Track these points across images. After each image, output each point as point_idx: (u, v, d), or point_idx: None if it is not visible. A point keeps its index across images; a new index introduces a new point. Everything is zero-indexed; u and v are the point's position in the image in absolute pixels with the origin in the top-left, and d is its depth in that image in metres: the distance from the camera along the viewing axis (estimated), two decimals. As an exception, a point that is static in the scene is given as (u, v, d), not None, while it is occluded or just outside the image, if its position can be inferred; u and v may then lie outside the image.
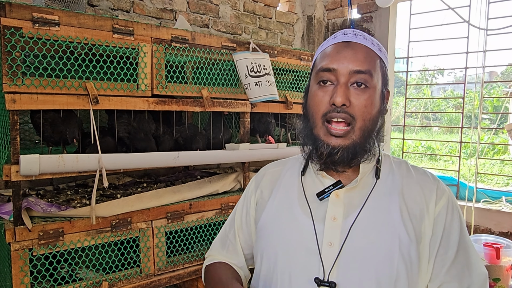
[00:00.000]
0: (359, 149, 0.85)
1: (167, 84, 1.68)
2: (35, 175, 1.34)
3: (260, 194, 1.00)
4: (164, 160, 1.59)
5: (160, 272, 1.72)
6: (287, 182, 0.97)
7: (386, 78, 0.90)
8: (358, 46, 0.85)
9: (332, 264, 0.81)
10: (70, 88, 1.43)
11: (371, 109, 0.84)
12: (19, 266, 1.38)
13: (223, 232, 1.09)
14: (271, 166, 1.06)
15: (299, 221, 0.88)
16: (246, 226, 1.03)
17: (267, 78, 1.89)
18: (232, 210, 1.10)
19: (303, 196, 0.91)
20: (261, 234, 0.94)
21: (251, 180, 1.08)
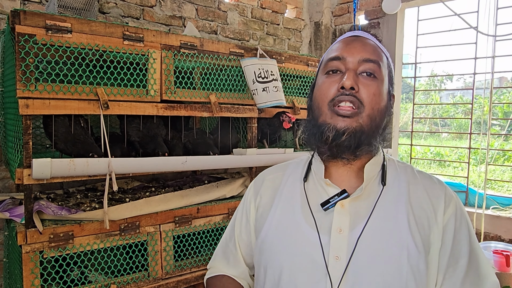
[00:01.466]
0: (365, 138, 0.82)
1: (175, 89, 1.70)
2: (46, 178, 1.36)
3: (260, 201, 0.96)
4: (172, 165, 1.61)
5: (168, 276, 1.73)
6: (289, 189, 0.93)
7: (392, 78, 0.90)
8: (367, 40, 0.87)
9: (340, 279, 0.78)
10: (81, 94, 1.46)
11: (379, 100, 0.83)
12: (30, 268, 1.41)
13: (224, 241, 1.05)
14: (271, 171, 1.01)
15: (304, 233, 0.84)
16: (246, 235, 0.98)
17: (275, 84, 1.91)
18: (232, 218, 1.06)
19: (307, 205, 0.87)
20: (264, 247, 0.89)
21: (249, 187, 1.03)
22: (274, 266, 0.85)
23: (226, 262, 1.01)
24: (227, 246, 1.02)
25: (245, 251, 1.00)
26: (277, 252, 0.86)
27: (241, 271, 1.00)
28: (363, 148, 0.83)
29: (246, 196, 1.02)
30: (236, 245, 1.00)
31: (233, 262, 1.00)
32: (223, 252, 1.04)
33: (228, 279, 0.99)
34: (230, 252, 1.01)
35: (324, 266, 0.79)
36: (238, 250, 1.00)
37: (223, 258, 1.03)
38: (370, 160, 0.87)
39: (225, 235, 1.06)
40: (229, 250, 1.01)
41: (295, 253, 0.83)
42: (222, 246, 1.05)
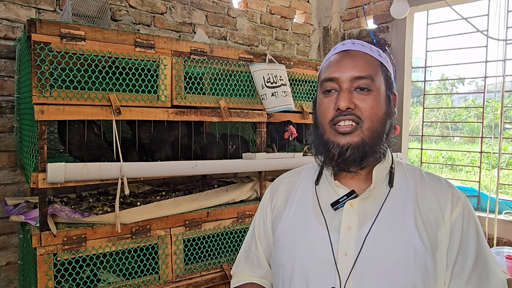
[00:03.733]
0: (369, 149, 0.85)
1: (186, 95, 1.73)
2: (60, 182, 1.40)
3: (276, 203, 1.01)
4: (182, 169, 1.63)
5: (178, 279, 1.75)
6: (302, 192, 0.98)
7: (390, 81, 0.91)
8: (357, 53, 0.88)
9: (348, 274, 0.82)
10: (94, 100, 1.49)
11: (377, 110, 0.86)
12: (44, 270, 1.44)
13: (246, 244, 1.10)
14: (286, 176, 1.07)
15: (314, 231, 0.89)
16: (265, 237, 1.04)
17: (284, 88, 1.92)
18: (252, 222, 1.12)
19: (318, 206, 0.92)
20: (278, 245, 0.95)
21: (266, 191, 1.09)
22: (286, 263, 0.90)
23: (250, 265, 1.06)
24: (249, 249, 1.07)
25: (266, 252, 1.05)
26: (290, 250, 0.91)
27: (265, 272, 1.05)
28: (369, 159, 0.87)
29: (263, 200, 1.08)
30: (257, 247, 1.05)
31: (257, 263, 1.05)
32: (245, 256, 1.08)
33: (257, 287, 1.03)
34: (253, 255, 1.06)
35: (333, 262, 0.84)
36: (260, 252, 1.05)
37: (246, 262, 1.07)
38: (378, 164, 0.90)
39: (246, 239, 1.11)
40: (251, 253, 1.06)
41: (306, 250, 0.88)
42: (245, 250, 1.10)
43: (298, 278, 0.87)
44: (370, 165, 0.89)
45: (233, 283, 1.09)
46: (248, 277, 1.06)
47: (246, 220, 1.96)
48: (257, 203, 2.02)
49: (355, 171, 0.89)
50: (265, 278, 1.05)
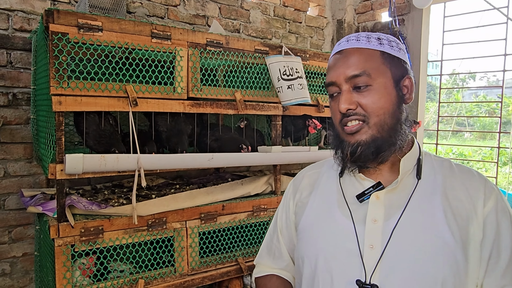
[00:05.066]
0: (383, 143, 0.84)
1: (202, 87, 1.71)
2: (78, 173, 1.39)
3: (300, 197, 1.01)
4: (199, 162, 1.62)
5: (193, 272, 1.75)
6: (326, 184, 0.97)
7: (398, 68, 0.87)
8: (350, 51, 0.87)
9: (374, 267, 0.80)
10: (111, 91, 1.48)
11: (382, 103, 0.84)
12: (62, 261, 1.44)
13: (268, 237, 1.11)
14: (309, 169, 1.07)
15: (339, 223, 0.87)
16: (287, 230, 1.04)
17: (300, 81, 1.90)
18: (274, 215, 1.12)
19: (343, 198, 0.91)
20: (301, 237, 0.95)
21: (289, 184, 1.08)
22: (310, 255, 0.90)
23: (272, 257, 1.07)
24: (272, 242, 1.08)
25: (288, 245, 1.04)
26: (313, 242, 0.91)
27: (286, 264, 1.05)
28: (384, 153, 0.85)
29: (286, 194, 1.07)
30: (279, 240, 1.05)
31: (278, 256, 1.05)
32: (268, 248, 1.09)
33: (278, 279, 1.04)
34: (275, 247, 1.06)
35: (359, 254, 0.82)
36: (281, 244, 1.05)
37: (268, 253, 1.08)
38: (406, 155, 0.88)
39: (269, 232, 1.11)
40: (273, 245, 1.07)
41: (330, 242, 0.87)
42: (267, 242, 1.10)
43: (322, 270, 0.86)
44: (389, 158, 0.87)
45: (255, 273, 1.10)
46: (269, 268, 1.07)
47: (261, 214, 1.95)
48: (272, 196, 2.01)
49: (373, 167, 0.88)
50: (286, 270, 1.05)
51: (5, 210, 2.03)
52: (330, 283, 0.84)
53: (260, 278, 1.08)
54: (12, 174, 2.03)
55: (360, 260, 0.82)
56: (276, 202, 2.00)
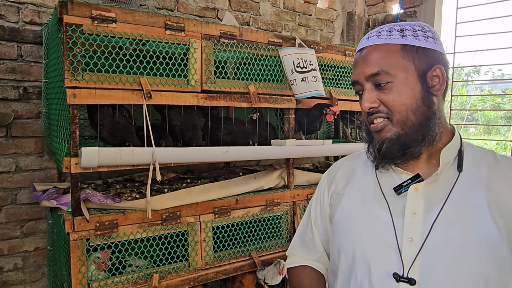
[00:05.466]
0: (408, 140, 0.83)
1: (215, 79, 1.69)
2: (93, 167, 1.38)
3: (335, 188, 1.00)
4: (213, 155, 1.60)
5: (208, 266, 1.74)
6: (362, 176, 0.96)
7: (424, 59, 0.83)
8: (368, 49, 0.86)
9: (412, 261, 0.78)
10: (125, 84, 1.46)
11: (403, 100, 0.82)
12: (77, 255, 1.43)
13: (301, 228, 1.10)
14: (344, 161, 1.06)
15: (377, 215, 0.86)
16: (321, 221, 1.03)
17: (314, 73, 1.87)
18: (308, 206, 1.12)
19: (379, 190, 0.89)
20: (337, 228, 0.94)
21: (324, 176, 1.08)
22: (347, 247, 0.89)
23: (305, 248, 1.06)
24: (305, 233, 1.08)
25: (322, 237, 1.04)
26: (350, 234, 0.90)
27: (320, 256, 1.05)
28: (412, 150, 0.83)
29: (320, 185, 1.07)
30: (313, 231, 1.05)
31: (312, 247, 1.05)
32: (301, 239, 1.09)
33: (311, 270, 1.03)
34: (308, 239, 1.06)
35: (397, 247, 0.81)
36: (315, 235, 1.05)
37: (301, 245, 1.08)
38: (446, 146, 0.85)
39: (302, 223, 1.11)
40: (307, 237, 1.07)
41: (367, 235, 0.86)
42: (300, 233, 1.10)
43: (360, 262, 0.85)
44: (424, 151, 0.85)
45: (288, 263, 1.10)
46: (302, 259, 1.06)
47: (274, 208, 1.93)
48: (285, 191, 1.99)
49: (401, 163, 0.87)
50: (319, 262, 1.05)
51: (17, 204, 2.02)
52: (368, 275, 0.83)
53: (293, 268, 1.07)
54: (23, 168, 2.02)
55: (397, 253, 0.80)
56: (290, 196, 1.98)
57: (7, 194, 1.99)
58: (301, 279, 1.02)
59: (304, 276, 1.02)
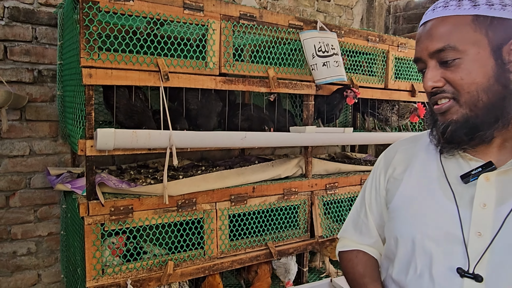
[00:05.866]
0: (478, 123, 0.74)
1: (234, 62, 1.63)
2: (109, 150, 1.34)
3: (392, 172, 0.93)
4: (231, 140, 1.55)
5: (223, 255, 1.69)
6: (424, 161, 0.87)
7: (500, 31, 0.74)
8: (434, 22, 0.78)
9: (480, 256, 0.72)
10: (142, 64, 1.41)
11: (473, 78, 0.73)
12: (92, 240, 1.40)
13: (355, 211, 1.05)
14: (404, 143, 0.97)
15: (440, 205, 0.79)
16: (376, 205, 0.98)
17: (335, 58, 1.79)
18: (361, 189, 1.06)
19: (444, 177, 0.81)
20: (395, 216, 0.88)
21: (379, 158, 1.00)
22: (405, 235, 0.83)
23: (358, 232, 1.02)
24: (359, 217, 1.03)
25: (376, 221, 0.99)
26: (409, 223, 0.83)
27: (374, 241, 0.99)
28: (482, 134, 0.75)
29: (375, 168, 1.01)
30: (367, 215, 1.00)
31: (366, 232, 1.00)
32: (354, 223, 1.04)
33: (365, 255, 0.99)
34: (362, 222, 1.01)
35: (462, 241, 0.74)
36: (370, 220, 0.99)
37: (354, 228, 1.03)
38: None
39: (355, 206, 1.06)
40: (360, 220, 1.02)
41: (429, 224, 0.79)
42: (353, 217, 1.05)
43: (420, 254, 0.79)
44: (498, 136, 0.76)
45: (340, 247, 1.05)
46: (355, 243, 1.02)
47: (291, 197, 1.87)
48: (303, 180, 1.93)
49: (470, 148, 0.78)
50: (373, 247, 1.00)
51: (31, 188, 2.00)
52: (428, 267, 0.77)
53: (345, 252, 1.03)
54: (37, 153, 2.00)
55: (463, 247, 0.74)
56: (307, 185, 1.92)
57: (21, 178, 1.97)
58: (355, 265, 0.97)
59: (358, 262, 0.97)
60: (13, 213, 1.97)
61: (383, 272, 0.94)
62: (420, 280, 0.78)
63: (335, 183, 2.02)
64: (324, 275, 2.13)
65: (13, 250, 1.98)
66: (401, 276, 0.83)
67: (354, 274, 0.96)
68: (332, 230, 2.00)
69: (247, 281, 1.93)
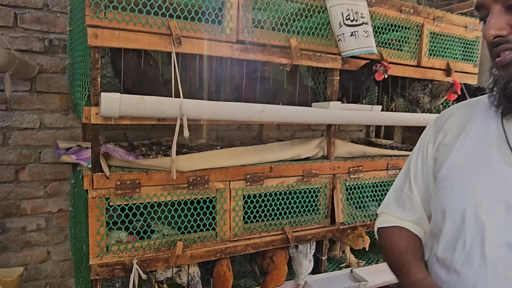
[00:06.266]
0: None
1: (253, 29, 1.49)
2: (115, 117, 1.23)
3: (442, 139, 0.85)
4: (248, 113, 1.42)
5: (236, 238, 1.58)
6: (481, 125, 0.79)
7: None
8: None
9: None
10: (152, 26, 1.29)
11: None
12: (96, 215, 1.30)
13: (397, 184, 0.97)
14: (459, 107, 0.88)
15: (500, 173, 0.70)
16: (422, 177, 0.90)
17: (365, 27, 1.62)
18: (406, 161, 0.97)
19: (505, 142, 0.72)
20: (443, 186, 0.80)
21: (429, 125, 0.92)
22: (455, 207, 0.75)
23: (401, 207, 0.94)
24: (401, 190, 0.95)
25: (422, 195, 0.91)
26: (459, 192, 0.75)
27: (418, 217, 0.91)
28: None
29: (424, 137, 0.93)
30: (411, 188, 0.92)
31: (409, 206, 0.92)
32: (396, 197, 0.97)
33: (407, 232, 0.90)
34: (406, 196, 0.94)
35: None
36: (414, 193, 0.92)
37: (397, 203, 0.96)
38: None
39: (398, 179, 0.99)
40: (404, 194, 0.94)
41: (485, 194, 0.71)
42: (396, 190, 0.98)
43: (471, 226, 0.70)
44: None
45: (379, 222, 0.98)
46: (396, 219, 0.94)
47: (311, 180, 1.73)
48: (324, 161, 1.78)
49: None
50: (416, 224, 0.92)
51: (41, 163, 1.94)
52: (480, 242, 0.67)
53: (384, 228, 0.95)
54: (48, 126, 1.93)
55: None
56: (329, 167, 1.78)
57: (31, 152, 1.91)
58: (395, 242, 0.89)
59: (399, 238, 0.89)
60: (23, 187, 1.91)
61: (426, 252, 0.85)
62: (469, 257, 0.70)
63: (360, 167, 1.86)
64: (344, 265, 1.99)
65: (22, 225, 1.93)
66: (447, 254, 0.75)
67: (394, 251, 0.88)
68: (355, 217, 1.85)
69: (261, 268, 1.81)
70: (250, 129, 2.42)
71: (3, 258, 1.89)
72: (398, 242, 0.88)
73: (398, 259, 0.85)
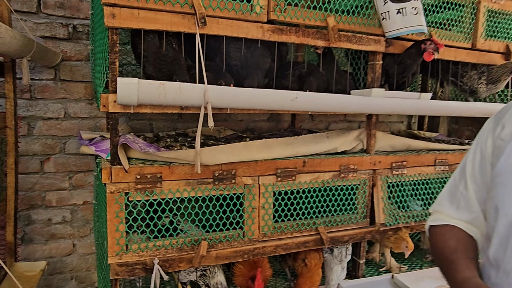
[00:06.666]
0: None
1: (286, 7, 1.33)
2: (133, 105, 1.12)
3: (500, 132, 0.80)
4: (279, 101, 1.27)
5: (265, 238, 1.45)
6: None
7: None
8: None
9: None
10: (174, 4, 1.17)
11: None
12: (114, 211, 1.21)
13: (452, 182, 0.91)
14: None
15: None
16: (481, 175, 0.84)
17: (414, 3, 1.43)
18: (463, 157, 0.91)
19: None
20: (498, 182, 0.76)
21: (489, 120, 0.87)
22: (508, 205, 0.71)
23: (456, 206, 0.89)
24: (456, 188, 0.90)
25: (479, 194, 0.85)
26: None
27: (473, 217, 0.86)
28: None
29: (483, 130, 0.87)
30: (467, 187, 0.87)
31: (464, 206, 0.87)
32: (451, 195, 0.92)
33: (460, 231, 0.85)
34: (461, 195, 0.88)
35: None
36: (470, 192, 0.87)
37: (451, 202, 0.90)
38: None
39: (453, 177, 0.93)
40: (459, 193, 0.89)
41: None
42: (450, 189, 0.93)
43: None
44: None
45: (431, 220, 0.93)
46: (450, 218, 0.89)
47: (349, 176, 1.57)
48: (364, 155, 1.61)
49: None
50: (472, 225, 0.86)
51: (66, 154, 1.88)
52: None
53: (436, 226, 0.90)
54: (72, 116, 1.87)
55: None
56: (369, 162, 1.60)
57: (56, 142, 1.86)
58: (446, 240, 0.84)
59: (450, 237, 0.84)
60: (48, 178, 1.87)
61: (482, 256, 0.81)
62: None
63: (403, 162, 1.67)
64: (383, 270, 1.82)
65: (48, 217, 1.89)
66: (499, 253, 0.72)
67: (443, 249, 0.83)
68: (397, 218, 1.67)
69: (292, 270, 1.68)
70: (282, 119, 2.27)
71: (29, 250, 1.86)
72: (449, 240, 0.83)
73: (447, 257, 0.81)
